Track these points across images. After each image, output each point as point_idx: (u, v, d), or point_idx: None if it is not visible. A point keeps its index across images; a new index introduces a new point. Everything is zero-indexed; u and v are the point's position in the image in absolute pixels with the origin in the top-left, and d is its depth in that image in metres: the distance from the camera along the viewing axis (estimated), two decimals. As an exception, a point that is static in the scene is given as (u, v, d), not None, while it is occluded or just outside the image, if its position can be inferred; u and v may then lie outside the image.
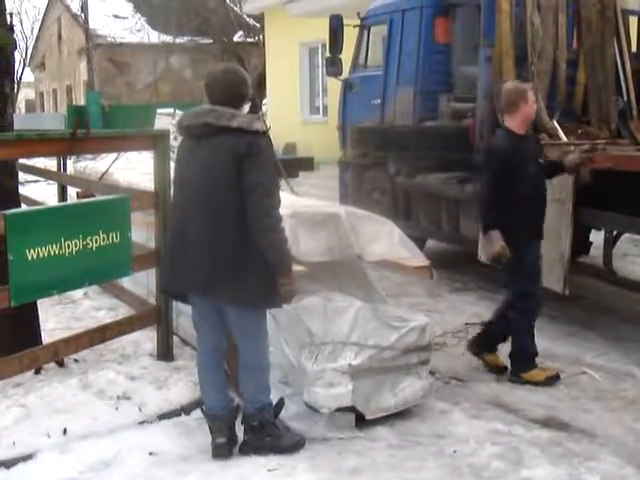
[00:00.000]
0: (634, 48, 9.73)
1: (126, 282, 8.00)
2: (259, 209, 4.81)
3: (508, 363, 6.82)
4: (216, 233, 4.89)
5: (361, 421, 5.63)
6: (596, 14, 9.22)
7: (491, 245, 6.46)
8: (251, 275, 4.88)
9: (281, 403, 5.40)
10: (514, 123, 6.61)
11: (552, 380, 6.62)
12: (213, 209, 4.89)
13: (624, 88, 9.23)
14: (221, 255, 4.89)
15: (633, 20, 9.81)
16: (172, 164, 5.80)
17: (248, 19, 37.98)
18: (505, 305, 6.85)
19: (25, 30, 61.45)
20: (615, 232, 8.35)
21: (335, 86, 13.73)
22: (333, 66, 12.34)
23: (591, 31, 9.25)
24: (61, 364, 6.59)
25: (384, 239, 6.16)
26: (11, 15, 6.55)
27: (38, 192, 14.35)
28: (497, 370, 6.86)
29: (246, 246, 4.85)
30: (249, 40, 39.38)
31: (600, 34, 9.20)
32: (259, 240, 4.83)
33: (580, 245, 8.81)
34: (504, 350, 6.88)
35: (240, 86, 5.06)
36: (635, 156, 7.38)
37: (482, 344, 6.99)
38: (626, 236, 9.28)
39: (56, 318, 8.07)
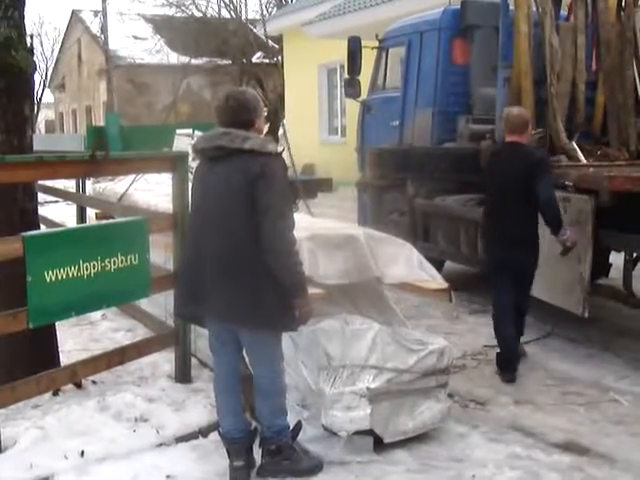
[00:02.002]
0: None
1: (144, 303, 8.00)
2: (272, 231, 4.79)
3: None
4: (229, 255, 4.88)
5: (379, 444, 5.59)
6: (615, 35, 9.20)
7: (571, 236, 7.12)
8: (266, 298, 4.86)
9: (299, 426, 5.38)
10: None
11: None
12: (227, 231, 4.89)
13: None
14: (236, 278, 4.88)
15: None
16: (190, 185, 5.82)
17: (267, 40, 38.14)
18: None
19: (45, 51, 62.14)
20: (635, 254, 8.30)
21: (353, 107, 13.75)
22: (351, 87, 12.35)
23: (610, 52, 9.23)
24: (79, 386, 6.59)
25: (403, 261, 6.14)
26: (32, 37, 6.58)
27: (57, 213, 14.38)
28: None
29: (260, 268, 4.83)
30: (268, 61, 39.54)
31: (619, 55, 9.17)
32: (272, 263, 4.81)
33: (600, 267, 8.76)
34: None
35: (241, 113, 5.01)
36: (655, 178, 7.34)
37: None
38: (646, 258, 9.21)
39: (74, 340, 8.08)
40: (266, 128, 6.19)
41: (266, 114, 6.47)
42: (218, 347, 5.26)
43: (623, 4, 9.29)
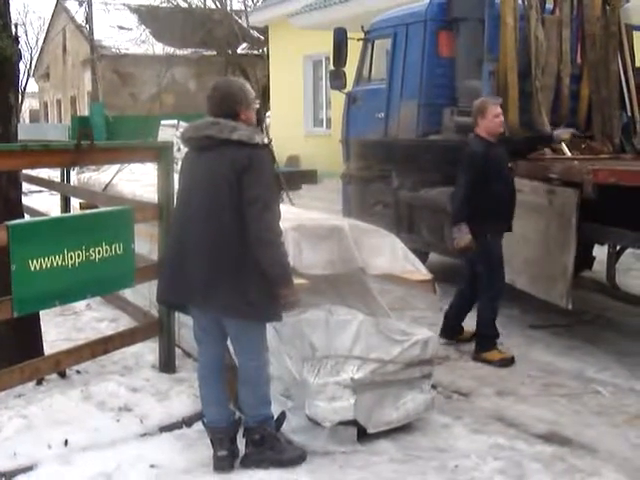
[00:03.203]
0: (638, 63, 9.73)
1: (128, 293, 8.00)
2: (259, 222, 4.81)
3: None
4: (216, 245, 4.90)
5: (363, 435, 5.61)
6: (600, 29, 9.23)
7: (461, 237, 7.30)
8: (251, 288, 4.87)
9: (283, 416, 5.39)
10: (481, 132, 7.56)
11: (505, 362, 7.33)
12: (213, 221, 4.90)
13: (628, 103, 9.24)
14: (220, 267, 4.89)
15: (637, 35, 9.82)
16: (176, 176, 5.81)
17: (252, 31, 38.08)
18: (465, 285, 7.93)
19: (30, 41, 61.85)
20: (618, 247, 8.34)
21: (339, 99, 13.75)
22: (337, 79, 12.33)
23: (595, 46, 9.26)
24: (63, 375, 6.58)
25: (387, 252, 6.15)
26: (16, 26, 6.56)
27: (41, 203, 14.33)
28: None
29: (246, 259, 4.85)
30: (253, 52, 39.50)
31: (604, 49, 9.20)
32: (258, 253, 4.83)
33: (583, 260, 8.80)
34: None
35: (225, 104, 5.04)
36: (638, 171, 7.38)
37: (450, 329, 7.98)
38: (629, 251, 9.25)
39: (58, 329, 8.07)
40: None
41: (258, 106, 6.48)
42: (202, 336, 5.27)
43: (608, -2, 9.33)
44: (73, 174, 11.96)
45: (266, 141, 5.05)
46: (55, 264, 5.40)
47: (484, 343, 7.52)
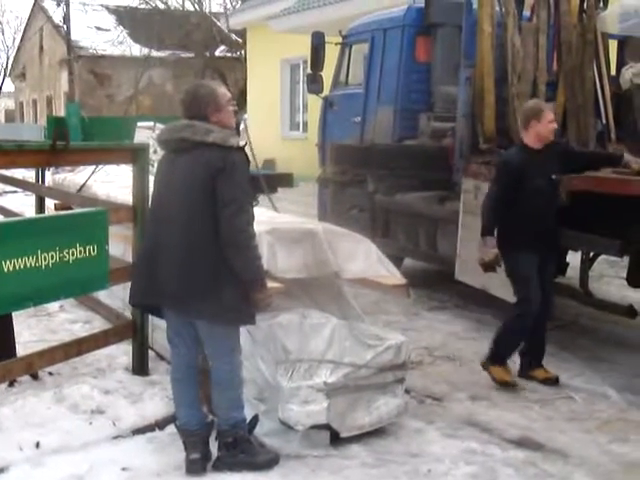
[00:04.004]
0: (613, 71, 9.79)
1: (102, 295, 7.97)
2: (232, 225, 4.81)
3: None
4: (189, 247, 4.89)
5: (336, 439, 5.61)
6: (576, 37, 9.27)
7: (487, 251, 6.84)
8: (224, 291, 4.87)
9: (255, 419, 5.39)
10: (527, 139, 6.95)
11: (504, 385, 6.93)
12: (187, 223, 4.89)
13: (603, 111, 9.28)
14: (194, 270, 4.89)
15: (612, 44, 9.87)
16: (151, 178, 5.80)
17: (231, 34, 38.06)
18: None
19: (6, 40, 61.54)
20: (592, 253, 8.38)
21: (315, 103, 13.78)
22: (314, 83, 12.36)
23: (571, 54, 9.30)
24: (35, 377, 6.55)
25: (361, 257, 6.16)
26: (-8, 26, 6.53)
27: (16, 203, 14.28)
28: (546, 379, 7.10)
29: (220, 261, 4.85)
30: (231, 55, 39.47)
31: (580, 57, 9.24)
32: (231, 256, 4.83)
33: (557, 266, 8.83)
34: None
35: (193, 107, 5.05)
36: (611, 178, 7.41)
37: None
38: (603, 257, 9.30)
39: (31, 330, 8.03)
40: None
41: (234, 109, 6.44)
42: (175, 339, 5.26)
43: (585, 6, 9.37)
44: (48, 175, 11.92)
45: (242, 144, 5.04)
46: (28, 265, 5.36)
47: (495, 356, 7.06)
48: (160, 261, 5.00)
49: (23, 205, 14.08)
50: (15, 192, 16.74)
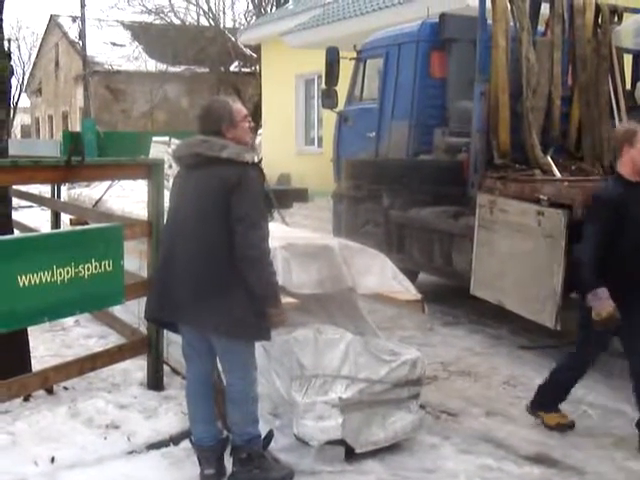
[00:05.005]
0: (628, 86, 9.79)
1: (117, 310, 7.98)
2: (246, 241, 4.80)
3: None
4: (204, 263, 4.89)
5: (350, 455, 5.60)
6: (591, 51, 9.29)
7: (601, 305, 5.74)
8: (238, 306, 4.86)
9: (270, 435, 5.38)
10: (623, 168, 6.01)
11: (562, 428, 6.36)
12: (202, 239, 4.90)
13: (618, 125, 9.27)
14: (208, 285, 4.89)
15: (627, 58, 9.87)
16: (167, 193, 5.81)
17: (245, 49, 38.15)
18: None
19: (22, 55, 61.95)
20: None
21: (330, 118, 13.78)
22: (328, 98, 12.38)
23: (586, 68, 9.31)
24: (50, 392, 6.56)
25: (376, 272, 6.16)
26: (9, 41, 6.57)
27: (32, 218, 14.33)
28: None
29: (234, 277, 4.84)
30: (245, 70, 39.56)
31: (595, 71, 9.26)
32: (245, 271, 4.83)
33: (573, 281, 8.79)
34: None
35: (206, 123, 5.07)
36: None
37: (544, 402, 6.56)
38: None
39: (46, 345, 8.04)
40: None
41: (250, 125, 6.43)
42: (191, 354, 5.26)
43: (599, 21, 9.38)
44: (64, 189, 11.95)
45: (257, 159, 5.05)
46: (44, 280, 5.37)
47: (545, 402, 6.51)
48: (175, 276, 5.00)
49: (39, 220, 14.14)
50: (31, 207, 16.78)
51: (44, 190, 13.15)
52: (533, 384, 7.06)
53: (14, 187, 8.00)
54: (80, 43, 40.51)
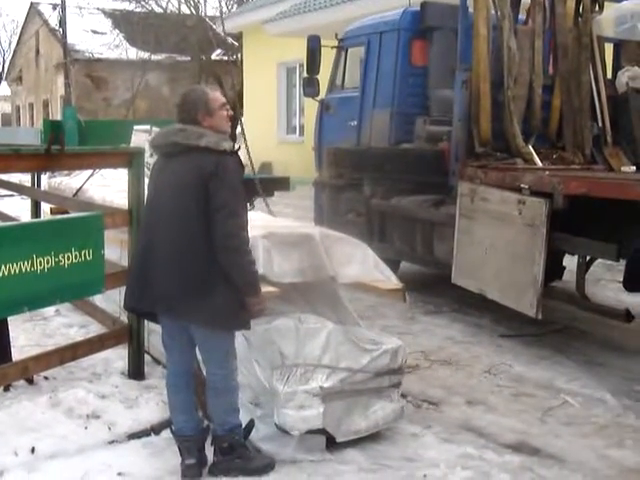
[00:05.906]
0: (609, 75, 9.80)
1: (98, 299, 7.95)
2: (225, 229, 4.79)
3: None
4: (183, 252, 4.87)
5: (332, 444, 5.60)
6: (572, 40, 9.29)
7: None
8: (218, 295, 4.85)
9: (251, 424, 5.37)
10: None
11: None
12: (180, 228, 4.87)
13: (599, 114, 9.30)
14: (187, 274, 4.87)
15: (609, 47, 9.88)
16: (147, 181, 5.79)
17: (227, 38, 38.02)
18: None
19: (3, 43, 61.62)
20: (588, 257, 8.37)
21: (312, 106, 13.75)
22: (310, 86, 12.36)
23: (567, 57, 9.32)
24: (31, 381, 6.53)
25: (358, 261, 6.14)
26: (-12, 29, 6.51)
27: (12, 207, 14.25)
28: None
29: (213, 266, 4.83)
30: (227, 58, 39.42)
31: (576, 60, 9.27)
32: (224, 261, 4.81)
33: (553, 270, 8.83)
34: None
35: (183, 111, 5.07)
36: (608, 182, 7.42)
37: None
38: (600, 261, 9.31)
39: (27, 335, 8.01)
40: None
41: (229, 113, 6.41)
42: (171, 344, 5.24)
43: (580, 10, 9.39)
44: (44, 178, 11.89)
45: (235, 148, 5.02)
46: (24, 270, 5.35)
47: None
48: (153, 265, 4.98)
49: (19, 209, 14.06)
50: (11, 196, 16.69)
51: (24, 179, 13.09)
52: (514, 373, 7.09)
53: (-7, 176, 7.96)
54: (60, 31, 40.23)
